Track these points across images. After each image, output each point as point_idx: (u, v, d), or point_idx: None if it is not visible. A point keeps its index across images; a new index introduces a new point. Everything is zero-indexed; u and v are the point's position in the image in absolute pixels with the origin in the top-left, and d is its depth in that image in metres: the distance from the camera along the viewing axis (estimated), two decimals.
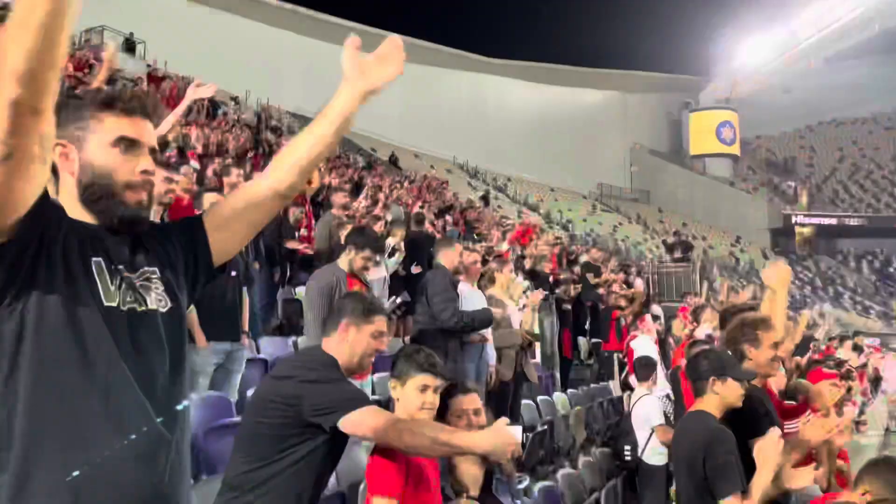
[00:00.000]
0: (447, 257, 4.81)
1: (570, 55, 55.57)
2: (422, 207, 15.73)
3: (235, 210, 1.48)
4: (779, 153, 56.46)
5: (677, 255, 16.48)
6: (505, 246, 10.93)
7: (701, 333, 6.56)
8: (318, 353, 2.33)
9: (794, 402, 3.61)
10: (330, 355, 2.30)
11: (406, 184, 22.25)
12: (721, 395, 2.66)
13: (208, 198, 4.26)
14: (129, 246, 1.39)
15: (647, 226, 44.51)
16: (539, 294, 5.79)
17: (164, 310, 1.38)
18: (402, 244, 7.56)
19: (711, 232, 46.46)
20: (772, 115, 55.56)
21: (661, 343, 8.58)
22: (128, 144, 1.37)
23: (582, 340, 10.36)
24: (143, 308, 1.35)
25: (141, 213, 1.38)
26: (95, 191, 1.36)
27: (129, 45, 25.02)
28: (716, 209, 48.25)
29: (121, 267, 1.35)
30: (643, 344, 6.91)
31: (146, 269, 1.40)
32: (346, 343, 2.32)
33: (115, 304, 1.31)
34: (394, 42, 1.42)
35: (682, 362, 4.92)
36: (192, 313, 3.85)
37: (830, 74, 55.63)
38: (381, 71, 1.41)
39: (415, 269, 7.50)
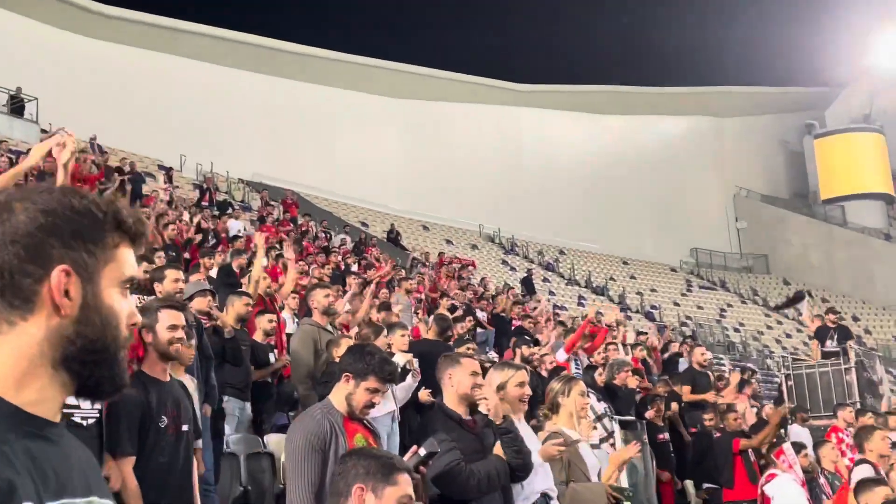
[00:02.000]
0: (453, 388, 4.45)
1: (635, 72, 56.49)
2: (432, 306, 15.78)
3: None
4: None
5: (831, 345, 15.64)
6: (563, 355, 10.88)
7: (865, 467, 6.42)
8: None
9: None
10: None
11: (413, 269, 22.41)
12: None
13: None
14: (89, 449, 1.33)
15: (770, 306, 44.18)
16: (634, 449, 5.64)
17: None
18: (415, 361, 7.56)
19: (865, 309, 45.99)
20: None
21: (810, 484, 8.39)
22: (131, 288, 1.36)
23: (690, 486, 10.14)
24: None
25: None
26: (97, 350, 1.27)
27: (16, 105, 26.00)
28: (868, 275, 48.00)
29: (66, 502, 1.20)
30: (786, 488, 6.77)
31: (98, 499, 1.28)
32: None
33: None
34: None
35: None
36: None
37: None
38: None
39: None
